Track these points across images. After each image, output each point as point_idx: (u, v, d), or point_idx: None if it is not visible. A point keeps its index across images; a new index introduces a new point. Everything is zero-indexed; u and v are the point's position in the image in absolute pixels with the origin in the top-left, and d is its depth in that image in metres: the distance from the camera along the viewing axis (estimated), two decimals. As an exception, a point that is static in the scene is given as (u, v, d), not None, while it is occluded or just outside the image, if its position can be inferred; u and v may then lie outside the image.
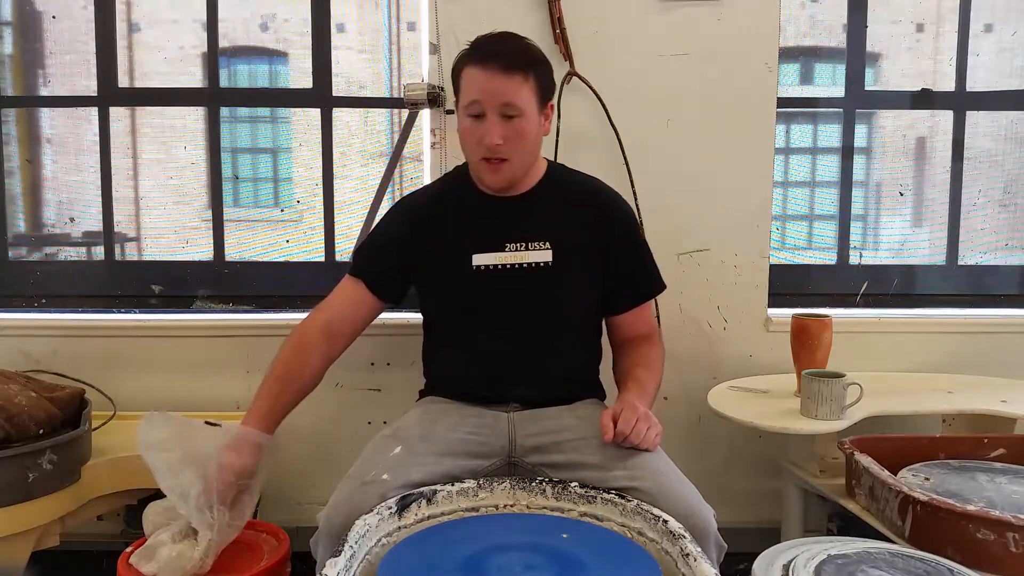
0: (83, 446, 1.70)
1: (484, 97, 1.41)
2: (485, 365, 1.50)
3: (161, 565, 1.38)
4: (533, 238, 1.50)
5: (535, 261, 1.49)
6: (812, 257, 2.51)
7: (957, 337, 2.14)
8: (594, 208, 1.55)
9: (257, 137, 3.14)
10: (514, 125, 1.42)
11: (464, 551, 1.10)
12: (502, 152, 1.43)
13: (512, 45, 1.45)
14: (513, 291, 1.48)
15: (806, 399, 1.67)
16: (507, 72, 1.40)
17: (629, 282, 1.58)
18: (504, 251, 1.49)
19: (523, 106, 1.41)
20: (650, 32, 1.98)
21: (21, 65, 2.38)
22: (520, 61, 1.42)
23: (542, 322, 1.50)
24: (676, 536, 1.13)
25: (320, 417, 1.99)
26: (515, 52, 1.43)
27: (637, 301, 1.59)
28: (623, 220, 1.58)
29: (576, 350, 1.56)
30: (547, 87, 1.48)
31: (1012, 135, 2.42)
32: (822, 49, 2.75)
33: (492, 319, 1.49)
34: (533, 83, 1.43)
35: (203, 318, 2.13)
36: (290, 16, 2.60)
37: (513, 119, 1.42)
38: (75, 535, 1.81)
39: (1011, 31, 2.40)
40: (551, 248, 1.49)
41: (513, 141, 1.43)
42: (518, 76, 1.41)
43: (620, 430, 1.32)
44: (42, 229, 2.47)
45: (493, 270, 1.49)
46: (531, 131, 1.44)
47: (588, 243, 1.52)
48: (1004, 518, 1.30)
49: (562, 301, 1.51)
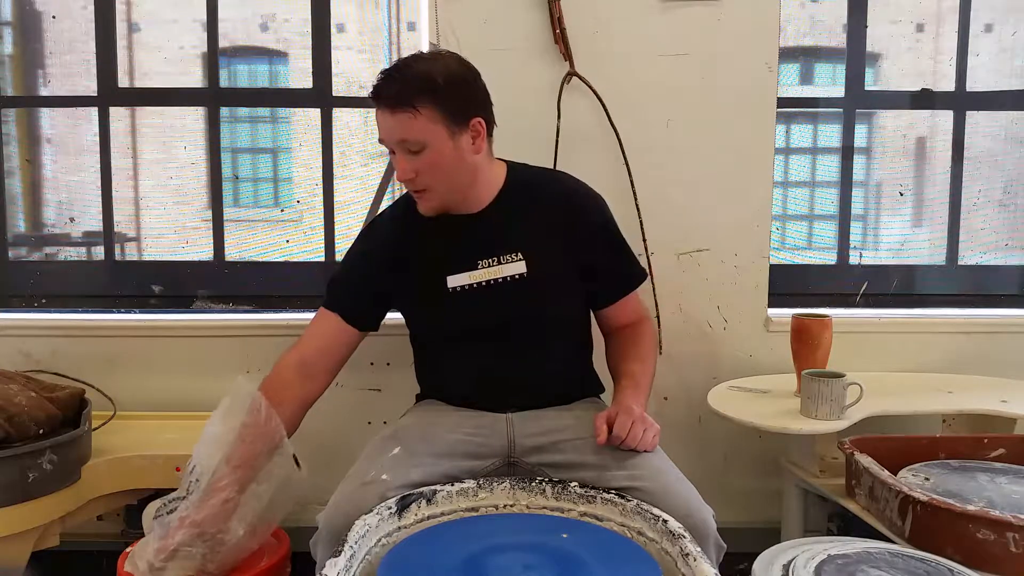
0: (83, 446, 1.70)
1: (384, 135, 1.39)
2: (475, 381, 1.50)
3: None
4: (504, 251, 1.47)
5: (509, 275, 1.46)
6: (812, 257, 2.51)
7: (957, 337, 2.14)
8: (561, 206, 1.51)
9: (257, 137, 3.14)
10: (422, 158, 1.38)
11: (464, 551, 1.10)
12: (418, 184, 1.41)
13: (397, 81, 1.36)
14: (492, 309, 1.46)
15: (806, 399, 1.67)
16: (393, 110, 1.35)
17: (609, 276, 1.55)
18: (477, 268, 1.46)
19: (422, 139, 1.36)
20: (650, 32, 1.98)
21: (21, 65, 2.38)
22: (407, 95, 1.34)
23: (527, 334, 1.48)
24: (676, 536, 1.13)
25: (320, 417, 1.98)
26: (400, 89, 1.35)
27: (620, 294, 1.57)
28: (592, 213, 1.53)
29: (566, 353, 1.54)
30: (457, 111, 1.38)
31: (1012, 135, 2.42)
32: (822, 49, 2.75)
33: (475, 338, 1.48)
34: (431, 112, 1.35)
35: (203, 318, 2.13)
36: (290, 16, 2.60)
37: (419, 152, 1.38)
38: (75, 535, 1.81)
39: (1011, 31, 2.40)
40: (523, 258, 1.46)
41: (426, 173, 1.39)
42: (406, 112, 1.34)
43: (616, 434, 1.31)
44: (42, 229, 2.47)
45: (469, 290, 1.46)
46: (443, 160, 1.38)
47: (560, 244, 1.49)
48: (1004, 518, 1.30)
49: (543, 310, 1.48)
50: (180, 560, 1.41)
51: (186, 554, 1.41)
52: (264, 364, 1.61)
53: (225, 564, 1.44)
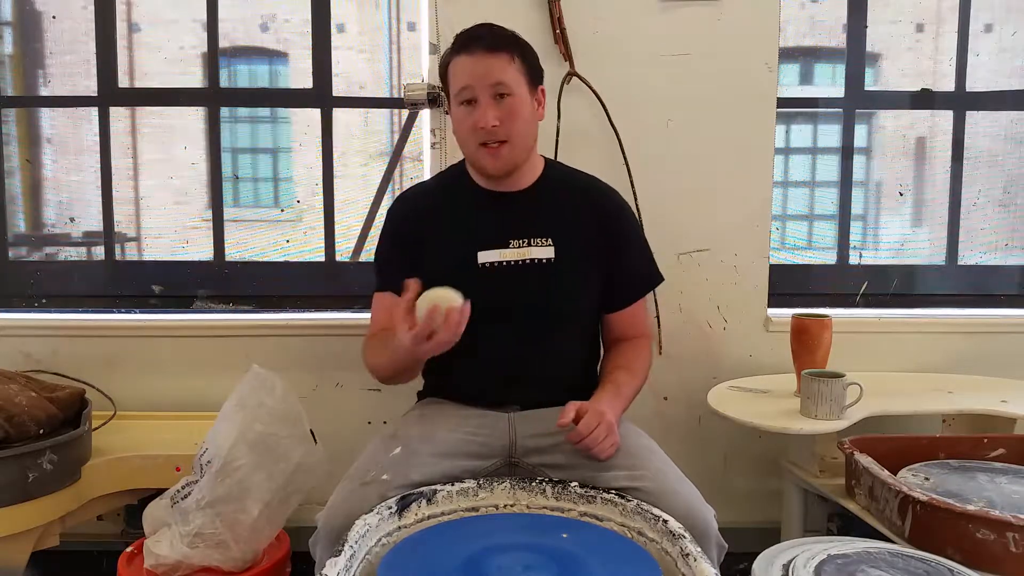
0: (83, 446, 1.70)
1: (474, 80, 1.42)
2: (485, 369, 1.49)
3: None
4: (536, 234, 1.49)
5: (538, 257, 1.48)
6: (812, 257, 2.51)
7: (957, 337, 2.14)
8: (593, 204, 1.55)
9: (257, 137, 3.14)
10: (507, 104, 1.42)
11: (464, 551, 1.10)
12: (499, 134, 1.43)
13: (493, 29, 1.48)
14: (516, 288, 1.48)
15: (806, 399, 1.67)
16: (493, 52, 1.42)
17: (628, 277, 1.56)
18: (508, 247, 1.49)
19: (513, 84, 1.42)
20: (650, 32, 1.98)
21: (21, 65, 2.38)
22: (504, 41, 1.44)
23: (543, 320, 1.49)
24: (676, 536, 1.13)
25: (320, 417, 1.98)
26: (497, 34, 1.46)
27: (635, 296, 1.58)
28: (622, 215, 1.58)
29: (575, 350, 1.55)
30: (535, 70, 1.49)
31: (1012, 135, 2.42)
32: (822, 49, 2.75)
33: (494, 318, 1.47)
34: (520, 64, 1.44)
35: (203, 318, 2.13)
36: (290, 16, 2.60)
37: (505, 98, 1.42)
38: (75, 535, 1.81)
39: (1011, 31, 2.40)
40: (553, 245, 1.49)
41: (508, 122, 1.43)
42: (504, 55, 1.42)
43: (580, 430, 1.30)
44: (42, 229, 2.47)
45: (498, 267, 1.48)
46: (524, 111, 1.45)
47: (588, 239, 1.51)
48: (1004, 518, 1.30)
49: (564, 298, 1.50)
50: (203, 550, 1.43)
51: (209, 538, 1.42)
52: (264, 364, 1.61)
53: (247, 551, 1.45)
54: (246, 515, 1.46)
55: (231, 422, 1.49)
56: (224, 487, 1.45)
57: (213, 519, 1.45)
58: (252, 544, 1.49)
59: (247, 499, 1.46)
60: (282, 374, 1.60)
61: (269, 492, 1.48)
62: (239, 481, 1.46)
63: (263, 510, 1.47)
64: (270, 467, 1.49)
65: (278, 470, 1.49)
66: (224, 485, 1.45)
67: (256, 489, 1.47)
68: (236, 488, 1.45)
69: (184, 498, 1.50)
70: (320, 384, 2.06)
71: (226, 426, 1.50)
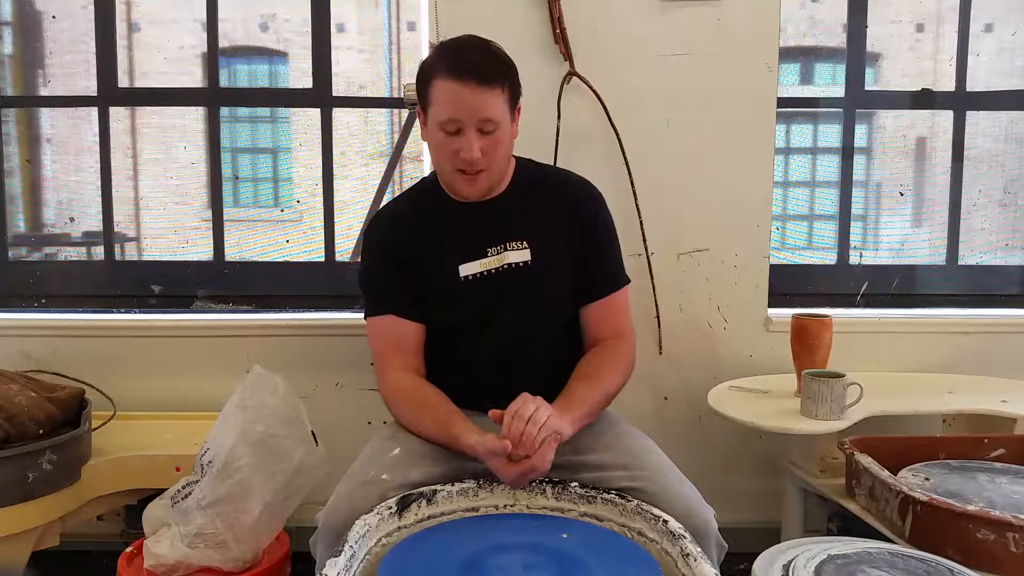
0: (83, 446, 1.70)
1: (463, 115, 1.36)
2: (473, 378, 1.48)
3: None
4: (511, 238, 1.48)
5: (515, 262, 1.47)
6: (812, 257, 2.51)
7: (957, 337, 2.14)
8: (565, 198, 1.53)
9: (257, 137, 3.14)
10: (492, 137, 1.39)
11: (464, 551, 1.10)
12: (480, 164, 1.40)
13: (486, 55, 1.39)
14: (498, 296, 1.46)
15: (806, 399, 1.67)
16: (485, 86, 1.35)
17: (596, 268, 1.53)
18: (486, 256, 1.47)
19: (500, 118, 1.37)
20: (650, 32, 1.98)
21: (21, 65, 2.38)
22: (496, 73, 1.37)
23: (526, 323, 1.48)
24: (676, 536, 1.13)
25: (320, 417, 1.98)
26: (490, 63, 1.38)
27: (603, 291, 1.52)
28: (587, 203, 1.54)
29: (561, 350, 1.52)
30: (517, 91, 1.44)
31: (1012, 135, 2.43)
32: (822, 49, 2.75)
33: (481, 327, 1.47)
34: (507, 93, 1.39)
35: (203, 318, 2.13)
36: (290, 16, 2.61)
37: (491, 132, 1.38)
38: (75, 535, 1.81)
39: (1011, 31, 2.40)
40: (528, 247, 1.47)
41: (491, 153, 1.40)
42: (496, 88, 1.36)
43: (511, 431, 1.25)
44: (42, 229, 2.47)
45: (480, 277, 1.47)
46: (507, 139, 1.42)
47: (561, 235, 1.50)
48: (1004, 518, 1.30)
49: (543, 299, 1.48)
50: (203, 550, 1.43)
51: (209, 538, 1.43)
52: (264, 364, 1.61)
53: (247, 551, 1.45)
54: (247, 515, 1.46)
55: (232, 422, 1.49)
56: (225, 487, 1.45)
57: (213, 519, 1.45)
58: (252, 544, 1.49)
59: (248, 499, 1.47)
60: (282, 374, 1.60)
61: (270, 492, 1.48)
62: (240, 481, 1.46)
63: (264, 510, 1.47)
64: (271, 468, 1.49)
65: (279, 471, 1.50)
66: (225, 485, 1.45)
67: (257, 489, 1.47)
68: (237, 488, 1.45)
69: (184, 498, 1.50)
70: (320, 384, 2.06)
71: (227, 426, 1.50)
